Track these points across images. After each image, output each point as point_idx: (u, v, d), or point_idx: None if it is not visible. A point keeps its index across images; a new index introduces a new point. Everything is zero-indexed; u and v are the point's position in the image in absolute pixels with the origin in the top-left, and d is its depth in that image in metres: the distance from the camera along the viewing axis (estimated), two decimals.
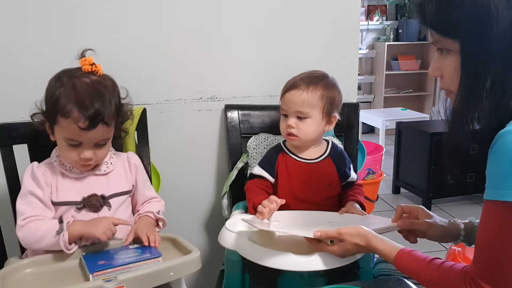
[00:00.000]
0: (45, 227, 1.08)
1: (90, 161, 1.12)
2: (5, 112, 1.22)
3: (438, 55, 0.92)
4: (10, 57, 1.39)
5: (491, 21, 0.81)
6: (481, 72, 0.85)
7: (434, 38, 0.90)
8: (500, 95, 0.84)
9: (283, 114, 1.35)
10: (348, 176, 1.40)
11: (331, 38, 1.63)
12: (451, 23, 0.85)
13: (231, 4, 1.54)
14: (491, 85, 0.84)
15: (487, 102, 0.84)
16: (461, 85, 0.88)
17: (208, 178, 1.67)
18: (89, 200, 1.14)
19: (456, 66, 0.88)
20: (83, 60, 1.12)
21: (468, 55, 0.86)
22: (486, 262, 0.84)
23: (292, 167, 1.35)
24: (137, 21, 1.47)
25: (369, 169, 2.76)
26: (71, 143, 1.10)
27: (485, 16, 0.82)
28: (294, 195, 1.33)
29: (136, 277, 0.97)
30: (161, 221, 1.22)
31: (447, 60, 0.90)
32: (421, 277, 0.94)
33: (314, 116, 1.30)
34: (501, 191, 0.80)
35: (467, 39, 0.85)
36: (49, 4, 1.39)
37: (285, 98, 1.32)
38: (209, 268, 1.50)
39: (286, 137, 1.35)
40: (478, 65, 0.85)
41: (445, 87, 0.95)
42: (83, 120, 1.05)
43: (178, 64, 1.54)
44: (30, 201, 1.12)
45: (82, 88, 1.08)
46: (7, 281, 1.01)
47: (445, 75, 0.92)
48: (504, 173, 0.80)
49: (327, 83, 1.32)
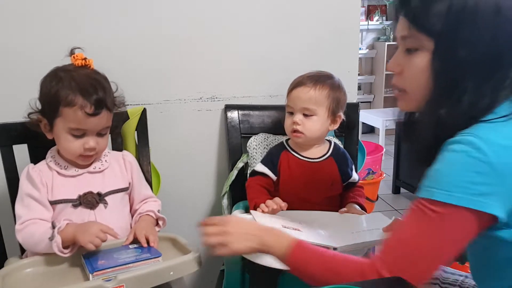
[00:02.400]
0: (39, 231, 1.08)
1: (93, 151, 1.14)
2: (5, 112, 1.22)
3: (403, 52, 0.88)
4: (10, 56, 1.39)
5: (474, 28, 0.79)
6: (451, 78, 0.82)
7: (409, 32, 0.85)
8: (467, 104, 0.81)
9: (288, 111, 1.35)
10: (350, 177, 1.40)
11: (331, 38, 1.63)
12: (433, 20, 0.82)
13: (231, 4, 1.54)
14: (459, 92, 0.81)
15: (446, 108, 0.82)
16: (427, 88, 0.85)
17: (208, 178, 1.67)
18: (85, 197, 1.15)
19: (423, 67, 0.85)
20: (75, 56, 1.15)
21: (440, 57, 0.83)
22: (400, 255, 0.82)
23: (294, 165, 1.36)
24: (137, 21, 1.47)
25: (369, 169, 2.75)
26: (76, 133, 1.11)
27: (469, 21, 0.79)
28: (295, 194, 1.33)
29: (136, 277, 0.97)
30: (161, 220, 1.23)
31: (414, 58, 0.86)
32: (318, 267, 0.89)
33: (320, 114, 1.31)
34: (432, 190, 0.79)
35: (444, 41, 0.82)
36: (50, 4, 1.39)
37: (291, 95, 1.33)
38: (209, 268, 1.49)
39: (290, 134, 1.35)
40: (447, 69, 0.82)
41: (400, 85, 0.91)
42: (89, 106, 1.08)
43: (178, 64, 1.54)
44: (27, 204, 1.12)
45: (81, 78, 1.10)
46: (7, 281, 1.01)
47: (405, 73, 0.89)
48: (445, 177, 0.78)
49: (333, 83, 1.33)
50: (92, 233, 1.04)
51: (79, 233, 1.05)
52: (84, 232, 1.05)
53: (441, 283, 1.13)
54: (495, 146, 0.76)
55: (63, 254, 1.05)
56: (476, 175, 0.76)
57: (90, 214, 1.15)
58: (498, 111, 0.80)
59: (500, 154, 0.75)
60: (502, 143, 0.76)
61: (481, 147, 0.75)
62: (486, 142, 0.76)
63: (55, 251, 1.04)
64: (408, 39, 0.87)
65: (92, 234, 1.04)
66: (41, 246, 1.07)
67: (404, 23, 0.87)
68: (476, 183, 0.76)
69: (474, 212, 0.77)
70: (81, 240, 1.04)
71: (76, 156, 1.14)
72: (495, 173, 0.75)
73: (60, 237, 1.04)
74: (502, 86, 0.82)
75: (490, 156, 0.75)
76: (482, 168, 0.75)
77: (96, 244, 1.03)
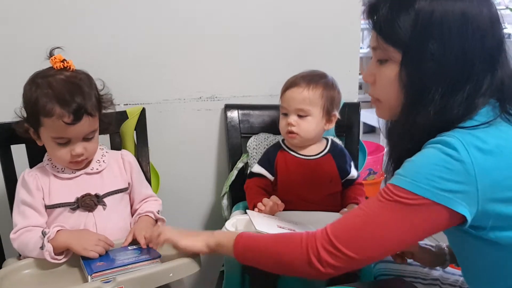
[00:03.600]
0: (33, 240, 1.07)
1: (82, 156, 1.11)
2: (3, 112, 1.21)
3: (376, 62, 0.90)
4: (9, 56, 1.38)
5: (441, 39, 0.80)
6: (418, 89, 0.83)
7: (378, 43, 0.87)
8: (438, 113, 0.81)
9: (282, 113, 1.35)
10: (348, 173, 1.39)
11: (331, 38, 1.63)
12: (400, 32, 0.82)
13: (231, 3, 1.53)
14: (427, 103, 0.82)
15: (419, 118, 0.83)
16: (398, 98, 0.86)
17: (207, 178, 1.66)
18: (83, 200, 1.14)
19: (393, 77, 0.86)
20: (53, 58, 1.11)
21: (407, 69, 0.83)
22: (351, 229, 0.84)
23: (291, 163, 1.35)
24: (136, 20, 1.47)
25: (370, 169, 2.75)
26: (60, 141, 1.08)
27: (436, 36, 0.80)
28: (294, 193, 1.33)
29: (135, 278, 0.96)
30: (160, 221, 1.22)
31: (384, 68, 0.87)
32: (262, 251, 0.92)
33: (314, 114, 1.30)
34: (401, 177, 0.80)
35: (411, 52, 0.82)
36: (51, 2, 1.39)
37: (285, 96, 1.32)
38: (209, 269, 1.49)
39: (285, 136, 1.35)
40: (415, 80, 0.83)
41: (374, 94, 0.93)
42: (67, 115, 1.04)
43: (177, 63, 1.53)
44: (22, 211, 1.11)
45: (59, 85, 1.06)
46: (5, 283, 1.00)
47: (378, 84, 0.90)
48: (416, 168, 0.79)
49: (327, 82, 1.33)
50: (92, 241, 1.05)
51: (73, 242, 1.05)
52: (80, 240, 1.05)
53: (441, 284, 1.13)
54: (470, 147, 0.76)
55: (56, 261, 1.04)
56: (447, 171, 0.76)
57: (89, 217, 1.14)
58: (478, 118, 0.81)
59: (474, 155, 0.76)
60: (478, 146, 0.77)
61: (456, 147, 0.76)
62: (462, 143, 0.77)
63: (48, 259, 1.03)
64: (378, 50, 0.88)
65: (92, 242, 1.05)
66: (35, 254, 1.07)
67: (373, 34, 0.88)
68: (445, 179, 0.77)
69: (440, 206, 0.77)
70: (76, 248, 1.04)
71: (66, 163, 1.13)
72: (466, 172, 0.76)
73: (51, 245, 1.03)
74: (478, 93, 0.82)
75: (464, 155, 0.76)
76: (454, 165, 0.76)
77: (99, 251, 1.04)
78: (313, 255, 0.84)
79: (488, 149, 0.76)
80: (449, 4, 0.80)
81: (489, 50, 0.81)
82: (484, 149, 0.76)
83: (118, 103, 1.37)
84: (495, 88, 0.83)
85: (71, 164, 1.13)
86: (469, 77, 0.81)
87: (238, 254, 0.94)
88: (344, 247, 0.82)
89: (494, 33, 0.82)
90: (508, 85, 0.84)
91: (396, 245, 0.84)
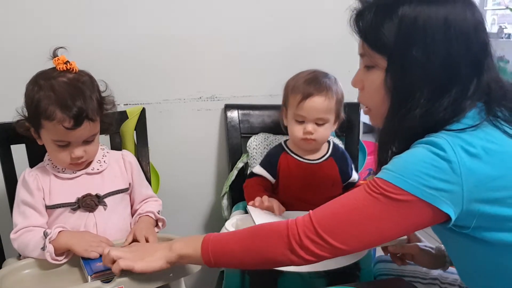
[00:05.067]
0: (34, 240, 1.07)
1: (81, 159, 1.11)
2: (3, 112, 1.21)
3: (364, 68, 0.91)
4: (9, 56, 1.38)
5: (424, 49, 0.80)
6: (403, 94, 0.83)
7: (364, 50, 0.88)
8: (423, 119, 0.82)
9: (297, 120, 1.30)
10: (350, 177, 1.39)
11: (331, 37, 1.63)
12: (384, 39, 0.83)
13: (231, 3, 1.53)
14: (413, 108, 0.82)
15: (405, 120, 0.83)
16: (384, 105, 0.87)
17: (207, 178, 1.66)
18: (83, 200, 1.13)
19: (378, 83, 0.86)
20: (57, 59, 1.10)
21: (392, 75, 0.84)
22: (335, 219, 0.83)
23: (294, 167, 1.35)
24: (137, 20, 1.47)
25: (370, 169, 2.75)
26: (60, 144, 1.08)
27: (419, 41, 0.80)
28: (296, 196, 1.32)
29: (135, 279, 0.96)
30: (161, 221, 1.22)
31: (371, 75, 0.88)
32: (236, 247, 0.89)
33: (330, 120, 1.31)
34: (388, 172, 0.80)
35: (395, 59, 0.83)
36: (51, 3, 1.38)
37: (305, 105, 1.27)
38: (209, 269, 1.48)
39: (300, 142, 1.32)
40: (400, 86, 0.83)
41: (363, 102, 0.94)
42: (67, 120, 1.04)
43: (177, 63, 1.53)
44: (22, 211, 1.11)
45: (61, 88, 1.05)
46: (5, 282, 1.00)
47: (365, 89, 0.91)
48: (404, 163, 0.80)
49: (336, 85, 1.32)
50: (94, 243, 1.05)
51: (74, 243, 1.04)
52: (81, 242, 1.05)
53: (440, 283, 1.13)
54: (457, 148, 0.77)
55: (57, 262, 1.04)
56: (434, 169, 0.77)
57: (89, 217, 1.14)
58: (465, 121, 0.81)
59: (460, 156, 0.77)
60: (465, 148, 0.77)
61: (444, 147, 0.77)
62: (449, 144, 0.77)
63: (48, 260, 1.03)
64: (365, 57, 0.89)
65: (93, 244, 1.04)
66: (36, 254, 1.07)
67: (360, 41, 0.89)
68: (432, 176, 0.77)
69: (424, 203, 0.78)
70: (77, 249, 1.04)
71: (66, 164, 1.13)
72: (453, 172, 0.76)
73: (52, 246, 1.03)
74: (465, 97, 0.82)
75: (451, 155, 0.76)
76: (441, 164, 0.77)
77: (100, 252, 1.03)
78: (295, 242, 0.83)
79: (475, 152, 0.77)
80: (432, 10, 0.80)
81: (474, 54, 0.82)
82: (471, 151, 0.77)
83: (118, 103, 1.36)
84: (482, 92, 0.83)
85: (71, 166, 1.14)
86: (455, 81, 0.81)
87: (208, 261, 0.90)
88: (328, 237, 0.81)
89: (478, 37, 0.82)
90: (495, 88, 0.84)
91: (379, 238, 0.83)
